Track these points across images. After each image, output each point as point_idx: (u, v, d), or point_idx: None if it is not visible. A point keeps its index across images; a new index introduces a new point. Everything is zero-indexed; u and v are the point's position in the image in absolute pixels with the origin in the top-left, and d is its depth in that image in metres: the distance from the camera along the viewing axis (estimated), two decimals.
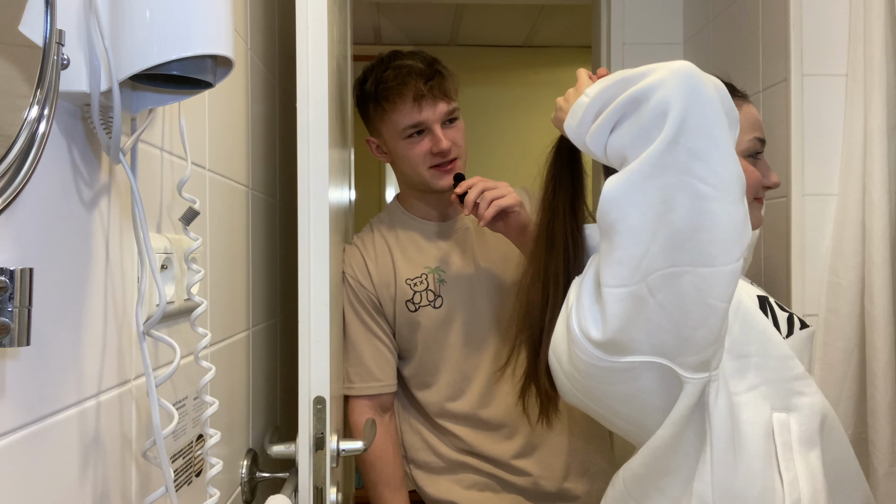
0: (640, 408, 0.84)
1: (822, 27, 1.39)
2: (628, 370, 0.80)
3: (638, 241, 0.75)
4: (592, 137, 0.82)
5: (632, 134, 0.77)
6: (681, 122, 0.73)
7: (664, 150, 0.74)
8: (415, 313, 1.41)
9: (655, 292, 0.76)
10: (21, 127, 0.47)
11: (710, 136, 0.74)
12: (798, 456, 0.86)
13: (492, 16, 3.55)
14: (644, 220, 0.75)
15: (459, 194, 1.31)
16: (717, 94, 0.77)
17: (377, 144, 1.47)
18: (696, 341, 0.78)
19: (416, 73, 1.37)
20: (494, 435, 1.42)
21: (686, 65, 0.76)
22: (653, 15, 1.98)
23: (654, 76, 0.76)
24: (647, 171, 0.74)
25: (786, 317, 0.95)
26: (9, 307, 0.46)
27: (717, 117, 0.75)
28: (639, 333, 0.78)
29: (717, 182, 0.74)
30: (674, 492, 0.87)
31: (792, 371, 0.89)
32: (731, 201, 0.75)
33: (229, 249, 1.10)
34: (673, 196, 0.74)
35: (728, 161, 0.75)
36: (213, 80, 0.65)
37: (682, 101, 0.73)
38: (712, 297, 0.76)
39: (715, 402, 0.83)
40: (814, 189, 1.40)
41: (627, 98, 0.77)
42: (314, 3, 1.04)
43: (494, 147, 3.77)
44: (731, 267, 0.75)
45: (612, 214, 0.76)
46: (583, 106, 0.83)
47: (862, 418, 1.33)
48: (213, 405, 0.81)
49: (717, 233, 0.74)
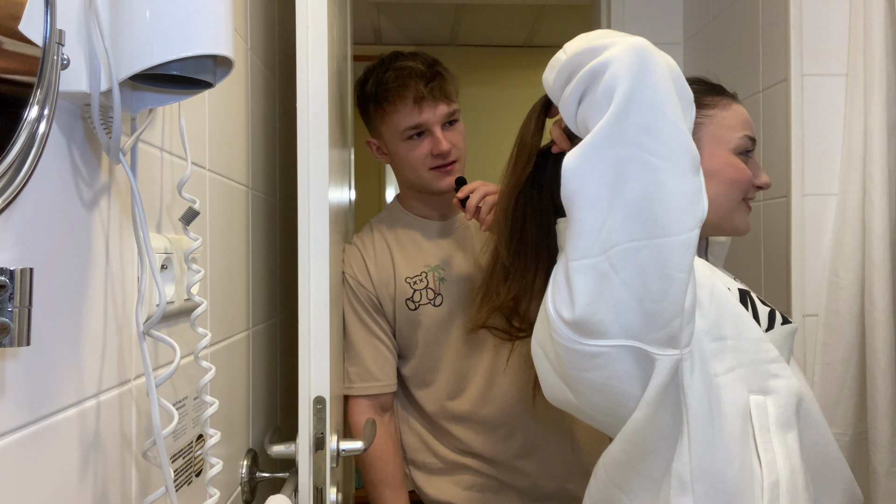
0: (614, 397, 0.85)
1: (822, 27, 1.39)
2: (599, 356, 0.81)
3: (594, 210, 0.78)
4: (564, 106, 0.85)
5: (590, 107, 0.80)
6: (628, 97, 0.77)
7: (613, 123, 0.77)
8: (415, 312, 1.41)
9: (619, 269, 0.78)
10: (21, 127, 0.47)
11: (658, 110, 0.77)
12: (775, 437, 0.87)
13: (492, 16, 3.55)
14: (599, 191, 0.78)
15: (461, 199, 1.31)
16: (668, 72, 0.79)
17: (377, 146, 1.47)
18: (661, 315, 0.80)
19: (416, 74, 1.37)
20: (493, 435, 1.42)
21: (640, 42, 0.79)
22: (653, 15, 1.98)
23: (611, 51, 0.79)
24: (598, 143, 0.78)
25: (767, 311, 0.96)
26: (9, 307, 0.46)
27: (667, 93, 0.78)
28: (607, 314, 0.79)
29: (666, 154, 0.77)
30: (654, 474, 0.88)
31: (766, 354, 0.90)
32: (679, 172, 0.78)
33: (229, 249, 1.10)
34: (626, 168, 0.77)
35: (676, 134, 0.78)
36: (213, 80, 0.65)
37: (630, 78, 0.77)
38: (669, 268, 0.78)
39: (690, 382, 0.85)
40: (814, 189, 1.40)
41: (588, 70, 0.80)
42: (314, 3, 1.04)
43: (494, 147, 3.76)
44: (685, 236, 0.78)
45: (571, 186, 0.79)
46: (559, 62, 0.86)
47: (862, 418, 1.33)
48: (213, 405, 0.81)
49: (668, 203, 0.77)
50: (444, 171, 1.40)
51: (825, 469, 0.95)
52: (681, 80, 0.82)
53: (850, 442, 1.34)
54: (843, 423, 1.35)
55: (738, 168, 1.00)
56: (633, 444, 0.87)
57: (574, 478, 1.42)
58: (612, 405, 0.86)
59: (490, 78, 3.91)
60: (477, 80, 3.80)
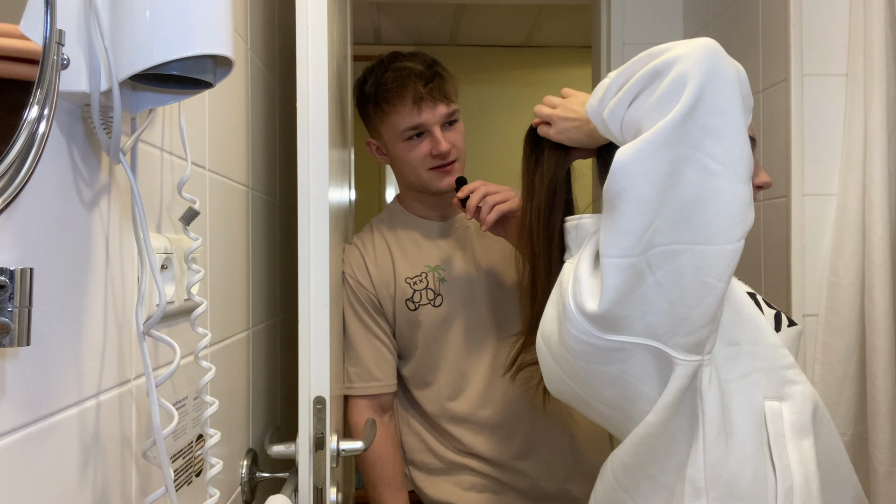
0: (626, 391, 0.84)
1: (822, 27, 1.39)
2: (619, 350, 0.81)
3: (644, 210, 0.76)
4: (611, 111, 0.82)
5: (649, 104, 0.77)
6: (698, 95, 0.74)
7: (679, 121, 0.74)
8: (415, 312, 1.41)
9: (655, 269, 0.77)
10: (21, 127, 0.47)
11: (724, 113, 0.75)
12: (790, 444, 0.86)
13: (492, 16, 3.55)
14: (652, 190, 0.76)
15: (461, 198, 1.31)
16: (736, 75, 0.77)
17: (377, 146, 1.47)
18: (692, 321, 0.78)
19: (415, 75, 1.37)
20: (493, 436, 1.42)
21: (710, 42, 0.77)
22: (653, 15, 1.98)
23: (678, 49, 0.77)
24: (659, 141, 0.75)
25: (773, 314, 0.96)
26: (9, 307, 0.46)
27: (734, 97, 0.76)
28: (633, 311, 0.78)
29: (726, 159, 0.75)
30: (665, 478, 0.87)
31: (783, 360, 0.89)
32: (737, 180, 0.76)
33: (229, 249, 1.10)
34: (681, 170, 0.75)
35: (740, 140, 0.76)
36: (213, 80, 0.65)
37: (701, 76, 0.74)
38: (710, 276, 0.76)
39: (708, 388, 0.84)
40: (814, 189, 1.40)
41: (650, 69, 0.77)
42: (314, 3, 1.04)
43: (494, 147, 3.77)
44: (731, 246, 0.76)
45: (622, 183, 0.77)
46: (604, 86, 0.84)
47: (862, 418, 1.33)
48: (213, 405, 0.81)
49: (720, 210, 0.75)
50: (444, 171, 1.40)
51: (836, 476, 0.94)
52: (746, 86, 0.79)
53: (850, 442, 1.34)
54: (843, 423, 1.35)
55: None
56: (644, 448, 0.87)
57: (574, 478, 1.42)
58: (623, 400, 0.86)
59: (490, 78, 3.91)
60: (477, 80, 3.80)
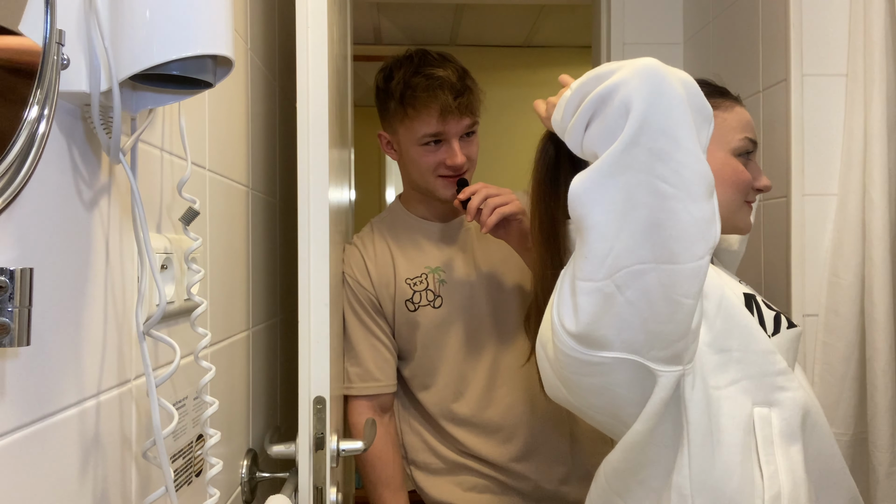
0: (613, 400, 0.85)
1: (822, 27, 1.39)
2: (601, 364, 0.81)
3: (601, 237, 0.76)
4: (570, 134, 0.82)
5: (599, 132, 0.78)
6: (641, 121, 0.73)
7: (624, 150, 0.74)
8: (414, 313, 1.41)
9: (624, 289, 0.76)
10: (21, 127, 0.47)
11: (671, 136, 0.74)
12: (779, 450, 0.86)
13: (492, 16, 3.55)
14: (606, 218, 0.76)
15: (462, 200, 1.31)
16: (683, 91, 0.76)
17: (389, 140, 1.46)
18: (666, 336, 0.78)
19: (447, 86, 1.35)
20: (493, 438, 1.42)
21: (650, 62, 0.76)
22: (653, 15, 1.98)
23: (621, 73, 0.76)
24: (606, 170, 0.75)
25: (772, 315, 0.96)
26: (9, 307, 0.46)
27: (681, 117, 0.75)
28: (608, 330, 0.78)
29: (677, 182, 0.74)
30: (654, 483, 0.87)
31: (774, 366, 0.89)
32: (691, 200, 0.75)
33: (229, 249, 1.10)
34: (635, 194, 0.75)
35: (690, 161, 0.75)
36: (213, 80, 0.65)
37: (642, 100, 0.73)
38: (677, 294, 0.76)
39: (691, 396, 0.84)
40: (814, 189, 1.40)
41: (597, 95, 0.77)
42: (314, 3, 1.04)
43: (494, 147, 3.76)
44: (694, 264, 0.76)
45: (578, 210, 0.77)
46: (565, 99, 0.83)
47: (862, 418, 1.33)
48: (213, 405, 0.81)
49: (678, 230, 0.75)
50: (453, 180, 1.39)
51: (829, 481, 0.94)
52: (697, 98, 0.78)
53: (850, 442, 1.34)
54: (843, 423, 1.35)
55: (737, 170, 1.00)
56: (633, 454, 0.87)
57: (572, 480, 1.42)
58: (612, 407, 0.86)
59: (490, 78, 3.90)
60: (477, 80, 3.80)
